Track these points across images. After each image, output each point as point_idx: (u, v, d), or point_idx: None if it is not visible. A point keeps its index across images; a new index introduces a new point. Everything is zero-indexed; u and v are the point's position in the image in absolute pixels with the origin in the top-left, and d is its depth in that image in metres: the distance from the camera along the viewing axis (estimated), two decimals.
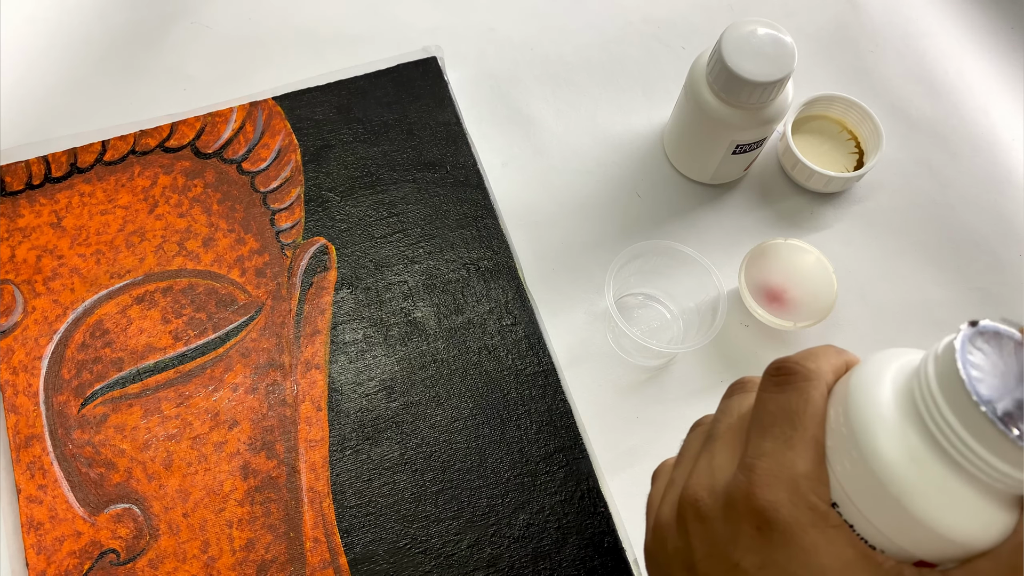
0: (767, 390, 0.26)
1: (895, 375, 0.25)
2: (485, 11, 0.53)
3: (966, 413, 0.22)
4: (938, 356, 0.23)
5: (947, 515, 0.23)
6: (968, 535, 0.23)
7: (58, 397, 0.41)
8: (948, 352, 0.23)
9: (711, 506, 0.26)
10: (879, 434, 0.24)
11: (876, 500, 0.24)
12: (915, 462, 0.23)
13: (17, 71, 0.49)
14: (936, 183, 0.50)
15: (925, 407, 0.23)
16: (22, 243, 0.44)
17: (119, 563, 0.38)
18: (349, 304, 0.44)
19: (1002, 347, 0.23)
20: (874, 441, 0.24)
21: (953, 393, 0.22)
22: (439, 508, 0.40)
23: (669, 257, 0.43)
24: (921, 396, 0.23)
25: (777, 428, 0.25)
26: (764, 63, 0.41)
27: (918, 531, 0.23)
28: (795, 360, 0.26)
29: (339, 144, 0.48)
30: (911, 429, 0.23)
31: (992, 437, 0.22)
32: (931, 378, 0.23)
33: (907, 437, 0.23)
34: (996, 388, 0.22)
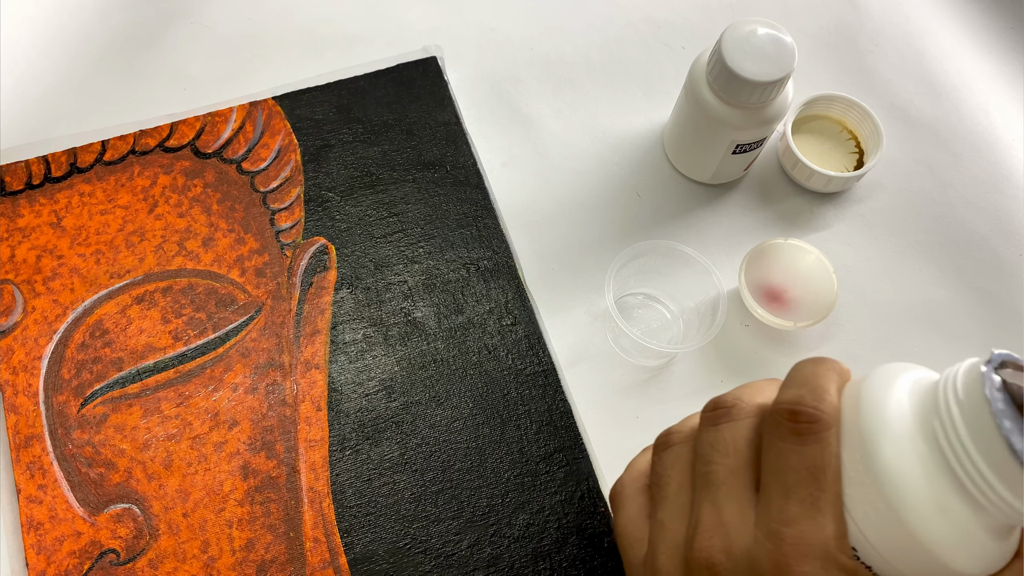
0: (784, 440, 0.25)
1: (913, 414, 0.24)
2: (485, 11, 0.53)
3: (986, 441, 0.22)
4: (964, 398, 0.22)
5: (974, 564, 0.23)
6: (959, 559, 0.23)
7: (58, 397, 0.41)
8: (976, 396, 0.22)
9: (731, 570, 0.25)
10: (907, 485, 0.23)
11: (905, 550, 0.23)
12: (944, 512, 0.23)
13: (17, 71, 0.49)
14: (936, 183, 0.50)
15: (954, 455, 0.22)
16: (22, 243, 0.44)
17: (119, 563, 0.38)
18: (349, 304, 0.44)
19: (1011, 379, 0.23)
20: (902, 493, 0.23)
21: (975, 419, 0.22)
22: (439, 508, 0.40)
23: (669, 257, 0.43)
24: (948, 443, 0.23)
25: (803, 489, 0.24)
26: (764, 63, 0.41)
27: (915, 551, 0.23)
28: (811, 403, 0.25)
29: (339, 144, 0.48)
30: (938, 475, 0.23)
31: (1007, 467, 0.21)
32: (958, 424, 0.22)
33: (935, 486, 0.23)
34: (1016, 420, 0.22)
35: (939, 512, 0.23)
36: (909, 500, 0.23)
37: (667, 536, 0.27)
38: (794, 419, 0.25)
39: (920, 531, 0.23)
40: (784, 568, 0.23)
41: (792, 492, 0.24)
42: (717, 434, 0.27)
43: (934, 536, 0.23)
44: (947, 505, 0.23)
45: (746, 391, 0.29)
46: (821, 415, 0.25)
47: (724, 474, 0.26)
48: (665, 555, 0.27)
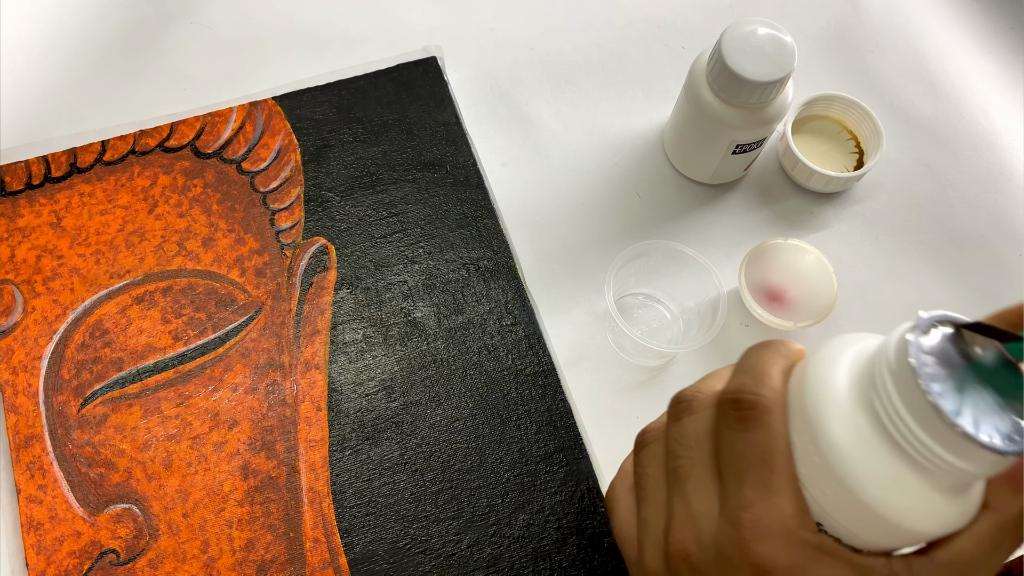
0: (731, 428, 0.26)
1: (852, 388, 0.24)
2: (485, 11, 0.53)
3: (918, 408, 0.22)
4: (895, 368, 0.23)
5: (935, 524, 0.24)
6: (921, 524, 0.24)
7: (58, 397, 0.41)
8: (904, 365, 0.23)
9: (703, 559, 0.25)
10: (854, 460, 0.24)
11: (866, 520, 0.24)
12: (895, 481, 0.23)
13: (17, 71, 0.49)
14: (936, 183, 0.50)
15: (892, 425, 0.23)
16: (22, 243, 0.44)
17: (119, 563, 0.38)
18: (349, 304, 0.44)
19: (956, 340, 0.24)
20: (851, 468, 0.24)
21: (906, 387, 0.23)
22: (439, 508, 0.40)
23: (669, 257, 0.43)
24: (886, 414, 0.23)
25: (754, 474, 0.25)
26: (764, 63, 0.41)
27: (877, 523, 0.24)
28: (751, 390, 0.26)
29: (339, 144, 0.48)
30: (882, 446, 0.24)
31: (942, 431, 0.22)
32: (892, 395, 0.23)
33: (881, 456, 0.24)
34: (948, 381, 0.22)
35: (890, 482, 0.23)
36: (858, 474, 0.23)
37: (650, 533, 0.28)
38: (736, 407, 0.26)
39: (875, 502, 0.23)
40: (747, 551, 0.24)
41: (745, 477, 0.25)
42: (680, 428, 0.28)
43: (890, 505, 0.23)
44: (897, 474, 0.23)
45: (706, 382, 0.29)
46: (760, 400, 0.25)
47: (689, 467, 0.27)
48: (650, 552, 0.28)
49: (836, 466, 0.24)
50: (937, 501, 0.24)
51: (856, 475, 0.23)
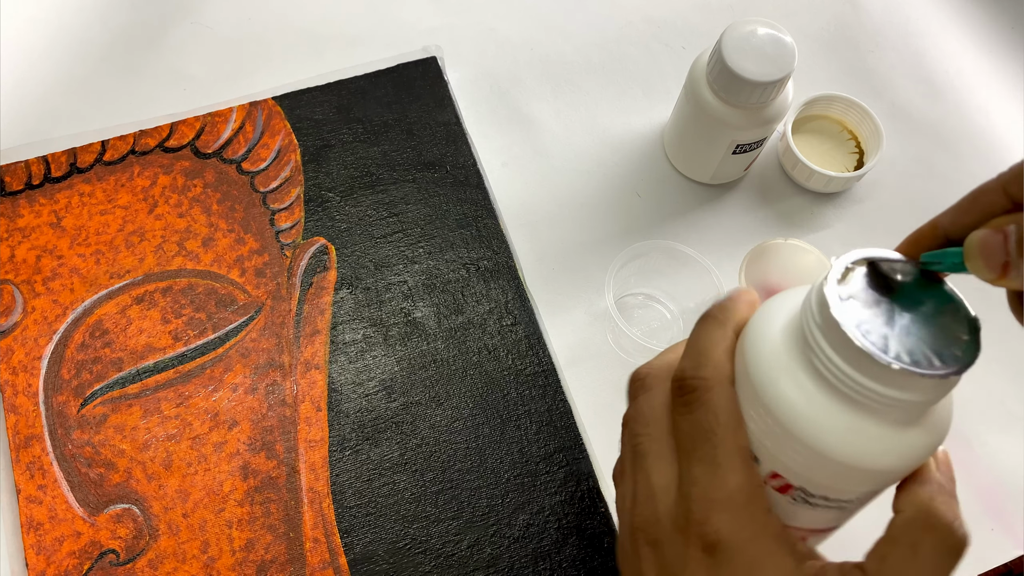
0: (677, 411, 0.27)
1: (786, 345, 0.25)
2: (485, 11, 0.53)
3: (851, 355, 0.23)
4: (814, 305, 0.24)
5: (901, 459, 0.24)
6: (887, 462, 0.24)
7: (58, 397, 0.41)
8: (821, 297, 0.23)
9: (658, 532, 0.26)
10: (774, 379, 0.24)
11: (831, 471, 0.24)
12: (850, 430, 0.24)
13: (17, 71, 0.49)
14: (936, 183, 0.50)
15: (816, 357, 0.24)
16: (22, 243, 0.44)
17: (119, 563, 0.38)
18: (349, 304, 0.44)
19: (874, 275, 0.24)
20: (771, 386, 0.24)
21: (835, 337, 0.23)
22: (439, 508, 0.40)
23: (669, 257, 0.43)
24: (812, 350, 0.24)
25: (699, 451, 0.25)
26: (764, 63, 0.41)
27: (849, 473, 0.24)
28: (691, 373, 0.26)
29: (339, 144, 0.48)
30: (812, 383, 0.24)
31: (878, 371, 0.22)
32: (814, 329, 0.23)
33: (810, 392, 0.24)
34: (875, 318, 0.23)
35: (846, 431, 0.24)
36: (814, 431, 0.24)
37: (623, 508, 0.29)
38: (681, 391, 0.26)
39: (837, 454, 0.24)
40: (695, 525, 0.25)
41: (692, 455, 0.26)
42: (636, 407, 0.29)
43: (852, 453, 0.24)
44: (850, 422, 0.24)
45: (660, 357, 0.30)
46: (699, 382, 0.26)
47: (648, 443, 0.28)
48: (624, 528, 0.28)
49: (792, 428, 0.24)
50: (896, 436, 0.24)
51: (813, 432, 0.24)
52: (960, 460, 0.43)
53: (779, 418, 0.24)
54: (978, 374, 0.45)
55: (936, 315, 0.23)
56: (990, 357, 0.46)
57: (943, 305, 0.24)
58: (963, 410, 0.44)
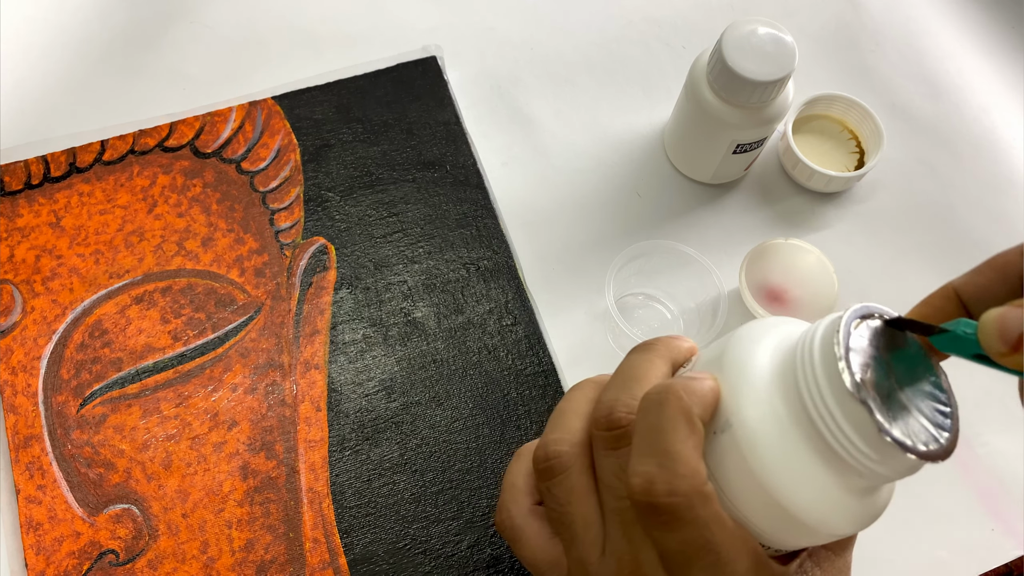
0: (656, 529, 0.24)
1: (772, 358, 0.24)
2: (485, 11, 0.53)
3: (846, 406, 0.22)
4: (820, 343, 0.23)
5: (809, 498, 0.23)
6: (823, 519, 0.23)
7: (57, 397, 0.41)
8: (828, 337, 0.22)
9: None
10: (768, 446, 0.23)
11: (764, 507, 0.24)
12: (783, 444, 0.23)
13: (17, 71, 0.49)
14: (937, 183, 0.50)
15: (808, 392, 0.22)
16: (21, 243, 0.44)
17: (118, 563, 0.38)
18: (348, 304, 0.44)
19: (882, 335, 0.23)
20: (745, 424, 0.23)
21: (834, 383, 0.22)
22: (439, 508, 0.40)
23: (670, 257, 0.43)
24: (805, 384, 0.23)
25: (700, 561, 0.24)
26: (765, 62, 0.40)
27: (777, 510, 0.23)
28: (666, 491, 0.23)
29: (338, 144, 0.48)
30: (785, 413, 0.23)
31: (868, 432, 0.21)
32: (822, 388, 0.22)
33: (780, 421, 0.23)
34: (871, 376, 0.22)
35: (800, 472, 0.23)
36: (768, 460, 0.23)
37: (592, 573, 0.26)
38: (653, 514, 0.24)
39: (778, 491, 0.23)
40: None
41: (691, 565, 0.24)
42: (554, 492, 0.27)
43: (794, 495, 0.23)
44: (809, 466, 0.23)
45: (564, 427, 0.28)
46: (678, 503, 0.23)
47: (583, 523, 0.26)
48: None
49: (746, 449, 0.23)
50: (849, 502, 0.23)
51: (774, 472, 0.23)
52: (960, 460, 0.43)
53: (736, 430, 0.23)
54: (978, 374, 0.45)
55: (926, 390, 0.23)
56: None
57: (932, 381, 0.23)
58: (963, 410, 0.44)
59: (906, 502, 0.42)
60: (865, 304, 0.23)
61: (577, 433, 0.28)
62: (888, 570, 0.40)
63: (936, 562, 0.41)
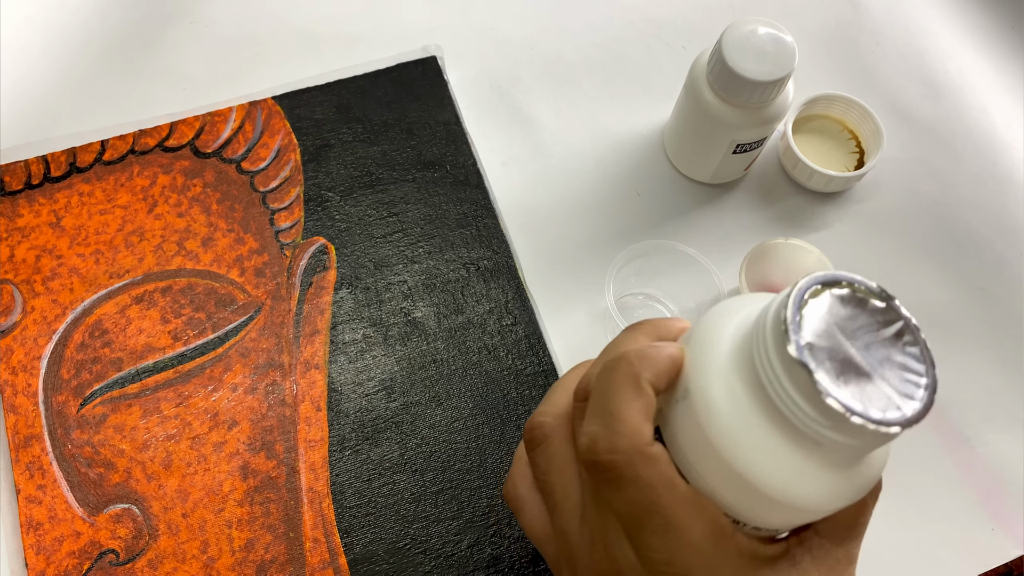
0: (603, 489, 0.24)
1: (733, 338, 0.24)
2: (485, 11, 0.53)
3: (799, 381, 0.21)
4: (771, 331, 0.22)
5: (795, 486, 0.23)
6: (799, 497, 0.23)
7: (57, 397, 0.41)
8: (780, 326, 0.22)
9: None
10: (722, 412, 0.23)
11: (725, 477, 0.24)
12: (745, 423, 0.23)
13: (17, 71, 0.49)
14: (937, 183, 0.50)
15: (771, 385, 0.22)
16: (21, 243, 0.44)
17: (118, 563, 0.38)
18: (349, 304, 0.44)
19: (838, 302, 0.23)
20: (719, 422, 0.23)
21: (793, 374, 0.22)
22: (439, 508, 0.40)
23: (669, 257, 0.43)
24: (765, 373, 0.22)
25: (649, 524, 0.24)
26: (765, 62, 0.40)
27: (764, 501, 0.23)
28: (606, 448, 0.24)
29: (339, 144, 0.48)
30: (744, 393, 0.23)
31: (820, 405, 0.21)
32: (771, 353, 0.22)
33: (739, 401, 0.23)
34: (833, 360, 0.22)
35: (765, 450, 0.23)
36: (731, 438, 0.23)
37: (570, 542, 0.27)
38: (595, 471, 0.24)
39: (746, 470, 0.23)
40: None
41: (642, 529, 0.24)
42: (536, 459, 0.27)
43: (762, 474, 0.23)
44: (772, 443, 0.23)
45: (548, 402, 0.28)
46: (617, 460, 0.24)
47: (562, 492, 0.26)
48: (576, 563, 0.27)
49: (728, 456, 0.23)
50: (834, 477, 0.23)
51: (750, 463, 0.23)
52: (960, 460, 0.43)
53: (700, 415, 0.23)
54: (978, 374, 0.45)
55: (897, 360, 0.22)
56: (990, 357, 0.46)
57: (908, 352, 0.22)
58: (963, 410, 0.44)
59: (906, 502, 0.42)
60: (833, 272, 0.23)
61: (562, 406, 0.28)
62: (888, 570, 0.40)
63: (936, 562, 0.41)
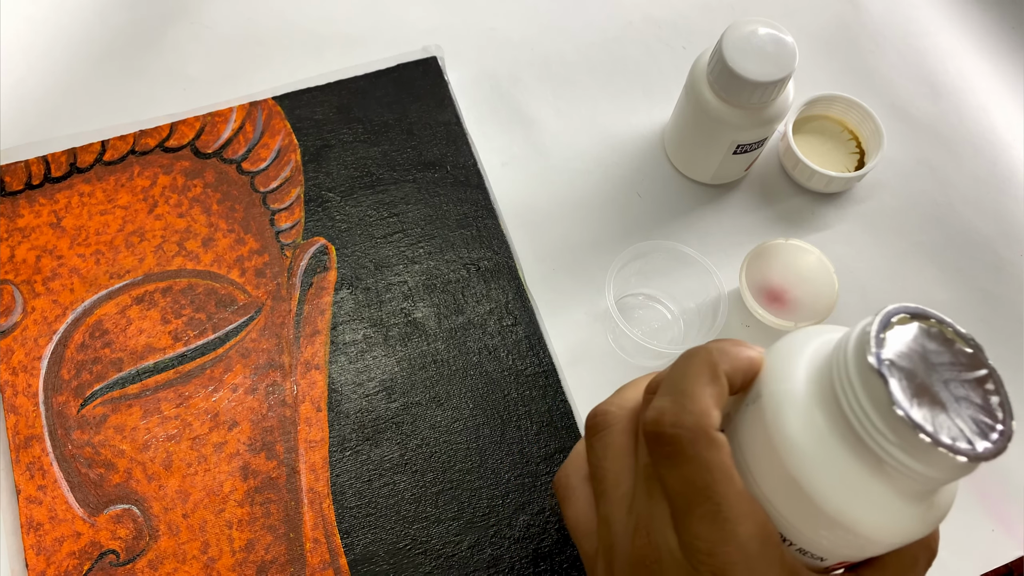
0: (660, 464, 0.24)
1: (809, 383, 0.23)
2: (485, 11, 0.53)
3: (883, 411, 0.21)
4: (853, 342, 0.22)
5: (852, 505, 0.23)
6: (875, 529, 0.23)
7: (57, 397, 0.41)
8: (863, 338, 0.22)
9: (666, 570, 0.25)
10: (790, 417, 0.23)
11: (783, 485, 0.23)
12: (825, 455, 0.22)
13: (17, 71, 0.49)
14: (937, 183, 0.50)
15: (843, 394, 0.22)
16: (21, 243, 0.44)
17: (119, 564, 0.38)
18: (349, 304, 0.44)
19: (924, 335, 0.22)
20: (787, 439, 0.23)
21: (868, 386, 0.21)
22: (439, 509, 0.40)
23: (670, 257, 0.43)
24: (839, 382, 0.22)
25: (698, 508, 0.23)
26: (765, 63, 0.40)
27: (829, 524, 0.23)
28: (671, 423, 0.24)
29: (339, 144, 0.48)
30: (825, 424, 0.23)
31: (906, 435, 0.21)
32: (849, 362, 0.22)
33: (821, 433, 0.23)
34: (911, 381, 0.21)
35: (846, 481, 0.22)
36: (812, 471, 0.22)
37: (613, 531, 0.27)
38: (656, 441, 0.24)
39: (826, 502, 0.22)
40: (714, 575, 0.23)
41: (691, 512, 0.24)
42: (594, 446, 0.28)
43: (843, 507, 0.22)
44: (854, 474, 0.22)
45: (619, 394, 0.28)
46: (680, 434, 0.24)
47: (614, 481, 0.26)
48: (615, 551, 0.26)
49: (789, 463, 0.23)
50: (896, 506, 0.22)
51: (810, 473, 0.22)
52: None
53: (778, 446, 0.23)
54: None
55: (976, 402, 0.22)
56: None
57: (988, 397, 0.22)
58: None
59: None
60: (925, 308, 0.23)
61: (629, 401, 0.29)
62: None
63: (936, 562, 0.41)
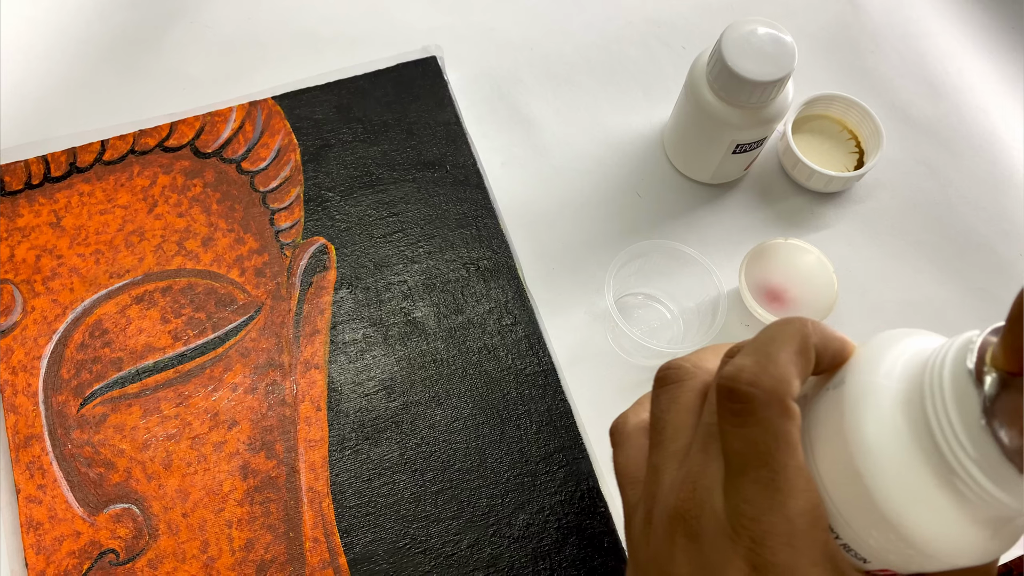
0: (725, 420, 0.24)
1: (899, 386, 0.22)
2: (485, 11, 0.53)
3: (974, 432, 0.20)
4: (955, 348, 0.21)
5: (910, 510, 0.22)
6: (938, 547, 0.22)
7: (57, 397, 0.41)
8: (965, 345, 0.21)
9: (700, 527, 0.24)
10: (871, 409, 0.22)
11: (854, 497, 0.22)
12: (901, 464, 0.22)
13: (17, 71, 0.49)
14: (936, 183, 0.50)
15: (930, 396, 0.21)
16: (21, 243, 0.44)
17: (118, 563, 0.38)
18: (348, 304, 0.44)
19: None
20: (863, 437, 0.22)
21: (964, 405, 0.20)
22: (439, 508, 0.40)
23: (669, 257, 0.43)
24: (929, 384, 0.21)
25: (754, 472, 0.23)
26: (764, 62, 0.41)
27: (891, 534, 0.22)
28: (748, 381, 0.23)
29: (339, 144, 0.48)
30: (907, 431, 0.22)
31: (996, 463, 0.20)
32: (945, 366, 0.21)
33: (901, 439, 0.22)
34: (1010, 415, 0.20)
35: (917, 493, 0.21)
36: (884, 478, 0.22)
37: (660, 481, 0.26)
38: (730, 398, 0.24)
39: (894, 512, 0.22)
40: (753, 542, 0.23)
41: (745, 473, 0.23)
42: (659, 397, 0.27)
43: (910, 518, 0.21)
44: (927, 489, 0.21)
45: (696, 354, 0.28)
46: (756, 393, 0.23)
47: (673, 433, 0.26)
48: (659, 508, 0.26)
49: (856, 454, 0.22)
50: (956, 523, 0.21)
51: (875, 468, 0.21)
52: None
53: (852, 444, 0.22)
54: None
55: None
56: None
57: None
58: None
59: None
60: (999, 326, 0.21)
61: (706, 361, 0.28)
62: None
63: None
